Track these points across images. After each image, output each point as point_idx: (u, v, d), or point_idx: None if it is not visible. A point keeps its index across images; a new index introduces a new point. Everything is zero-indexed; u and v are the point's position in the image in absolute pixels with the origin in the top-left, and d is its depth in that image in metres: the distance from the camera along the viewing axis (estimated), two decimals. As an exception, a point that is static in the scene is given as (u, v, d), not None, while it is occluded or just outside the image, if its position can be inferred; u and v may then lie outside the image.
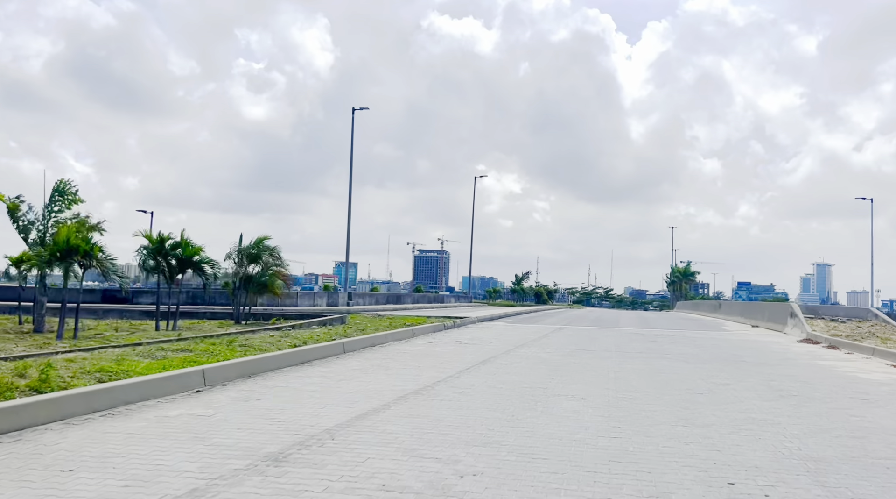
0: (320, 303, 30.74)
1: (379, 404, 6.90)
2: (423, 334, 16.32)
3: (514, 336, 17.30)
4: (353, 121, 33.70)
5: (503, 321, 25.06)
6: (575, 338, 17.47)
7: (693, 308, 51.47)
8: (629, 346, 15.35)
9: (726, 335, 20.55)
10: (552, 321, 27.12)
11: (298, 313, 23.89)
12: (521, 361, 11.49)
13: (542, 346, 14.59)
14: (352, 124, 33.75)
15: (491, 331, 19.18)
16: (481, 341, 15.27)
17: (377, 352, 12.16)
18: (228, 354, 9.16)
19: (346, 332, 14.25)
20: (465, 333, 17.54)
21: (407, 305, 38.52)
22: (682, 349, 14.87)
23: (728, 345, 16.65)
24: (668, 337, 18.88)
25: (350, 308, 31.51)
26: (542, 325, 23.79)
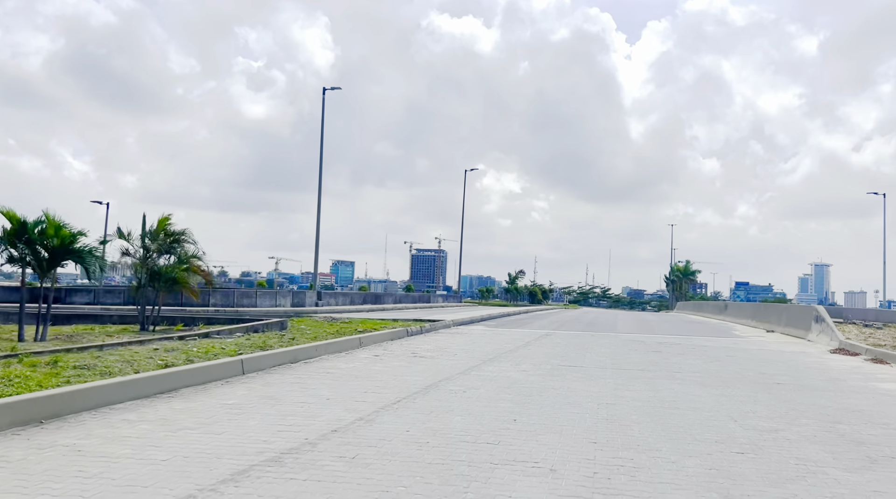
0: (283, 303, 27.73)
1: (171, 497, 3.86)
2: (373, 344, 13.28)
3: (489, 345, 14.27)
4: (323, 102, 30.70)
5: (483, 325, 22.02)
6: (562, 347, 14.44)
7: (695, 309, 48.44)
8: (628, 359, 12.33)
9: (741, 343, 17.52)
10: (541, 325, 24.09)
11: (241, 316, 20.90)
12: (481, 386, 8.45)
13: (518, 360, 11.56)
14: (322, 106, 30.74)
15: (463, 338, 16.15)
16: (443, 353, 12.24)
17: (292, 372, 9.11)
18: (21, 386, 6.11)
19: (268, 343, 11.20)
20: (429, 342, 14.50)
21: (386, 306, 35.50)
22: (693, 364, 11.85)
23: (748, 357, 13.63)
24: (674, 346, 15.86)
25: (317, 309, 28.47)
26: (527, 329, 20.76)
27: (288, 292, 28.45)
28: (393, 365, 10.27)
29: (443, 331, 18.31)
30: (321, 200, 30.61)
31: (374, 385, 8.18)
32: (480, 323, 23.14)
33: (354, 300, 34.51)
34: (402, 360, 11.03)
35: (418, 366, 10.31)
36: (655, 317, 41.26)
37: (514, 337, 17.04)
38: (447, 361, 10.95)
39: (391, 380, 8.66)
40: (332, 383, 8.27)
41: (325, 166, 29.89)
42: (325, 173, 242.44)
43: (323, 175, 29.95)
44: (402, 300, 42.33)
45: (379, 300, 37.72)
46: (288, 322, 15.47)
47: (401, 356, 11.55)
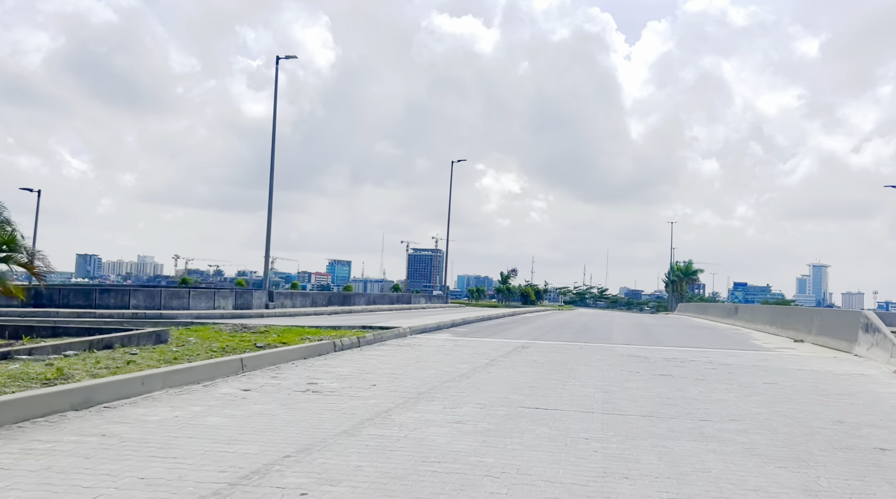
0: (224, 305, 23.82)
1: None
2: (265, 367, 9.35)
3: (434, 367, 10.37)
4: (276, 72, 26.70)
5: (450, 333, 18.08)
6: (536, 369, 10.54)
7: (699, 311, 44.52)
8: (626, 392, 8.44)
9: (773, 360, 13.63)
10: (522, 331, 20.18)
11: (154, 320, 16.91)
12: (352, 473, 4.55)
13: (461, 395, 7.68)
14: (276, 76, 26.73)
15: (408, 354, 12.23)
16: (356, 385, 8.34)
17: (48, 433, 5.19)
18: None
19: (61, 371, 7.28)
20: (353, 363, 10.58)
21: (354, 308, 31.58)
22: (725, 401, 7.98)
23: (796, 385, 9.74)
24: (688, 364, 11.98)
25: (266, 312, 24.54)
26: (502, 338, 16.85)
27: (230, 292, 24.60)
28: (245, 415, 6.35)
29: (391, 342, 14.39)
30: (273, 185, 26.72)
31: (159, 475, 4.25)
32: (448, 330, 19.22)
33: (317, 301, 30.57)
34: (278, 400, 7.12)
35: (292, 414, 6.41)
36: (655, 320, 37.39)
37: (478, 351, 13.14)
38: (347, 402, 7.04)
39: (185, 462, 4.72)
40: (70, 473, 4.35)
41: (324, 166, 26.23)
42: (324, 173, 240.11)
43: (321, 175, 26.11)
44: (378, 301, 38.36)
45: (348, 301, 33.76)
46: (170, 333, 11.52)
47: (283, 392, 7.64)
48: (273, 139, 26.50)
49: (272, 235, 26.38)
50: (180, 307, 22.32)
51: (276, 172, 25.58)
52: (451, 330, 19.22)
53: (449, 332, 18.50)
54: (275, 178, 25.56)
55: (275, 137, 26.40)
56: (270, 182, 26.93)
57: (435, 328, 18.92)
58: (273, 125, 26.29)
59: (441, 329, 19.25)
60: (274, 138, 26.47)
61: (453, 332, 18.57)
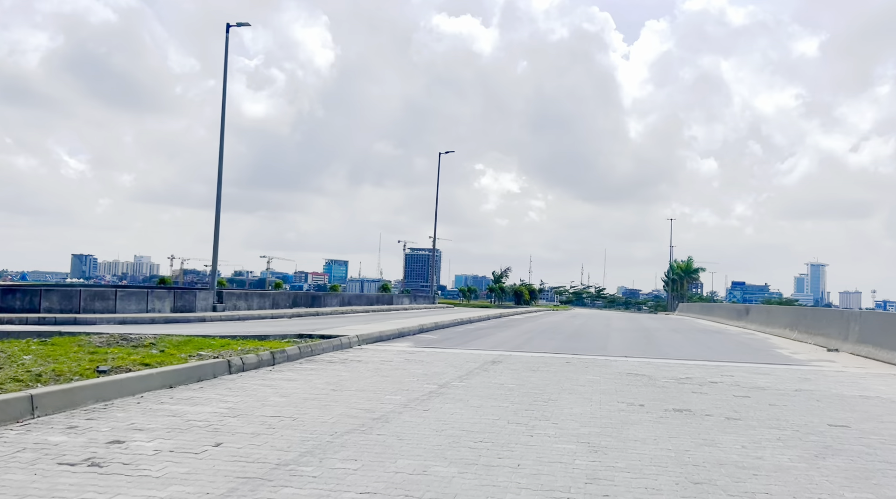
0: (160, 307, 20.60)
1: None
2: (91, 404, 6.17)
3: (351, 402, 7.22)
4: (227, 42, 23.46)
5: (411, 342, 14.89)
6: (496, 404, 7.40)
7: (703, 312, 41.36)
8: (626, 454, 5.31)
9: (817, 380, 10.49)
10: (502, 338, 17.02)
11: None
12: None
13: (345, 472, 4.54)
14: (226, 46, 23.53)
15: (332, 376, 9.07)
16: (192, 444, 5.19)
17: None
18: None
19: None
20: (237, 393, 7.41)
21: (323, 310, 28.39)
22: (787, 468, 4.87)
23: (877, 430, 6.61)
24: (710, 390, 8.87)
25: (212, 315, 21.36)
26: (472, 348, 13.69)
27: (167, 293, 21.35)
28: None
29: (323, 357, 11.23)
30: (222, 170, 23.48)
31: None
32: (411, 337, 16.05)
33: (279, 303, 27.32)
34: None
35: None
36: (657, 322, 34.25)
37: (431, 370, 10.00)
38: (122, 494, 3.90)
39: None
40: None
41: (322, 166, 23.18)
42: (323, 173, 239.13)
43: (320, 175, 22.98)
44: (353, 302, 35.11)
45: (317, 303, 30.50)
46: None
47: (39, 465, 4.49)
48: (222, 125, 23.35)
49: (269, 234, 23.29)
50: (104, 310, 19.14)
51: (274, 172, 22.56)
52: (416, 338, 16.06)
53: (411, 340, 15.34)
54: (273, 178, 22.40)
55: (224, 119, 23.27)
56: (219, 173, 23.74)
57: (395, 336, 15.76)
58: (222, 106, 23.16)
59: (403, 336, 16.09)
60: (223, 123, 23.33)
61: (417, 340, 15.41)
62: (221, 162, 23.74)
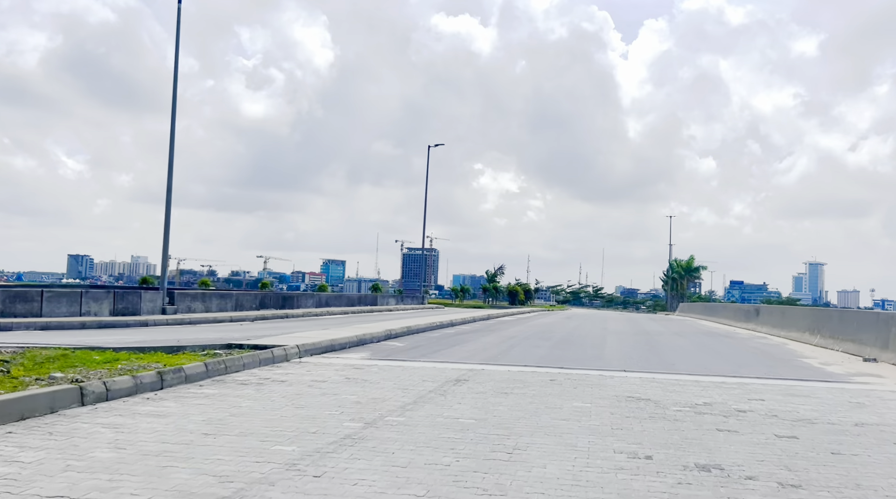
0: (96, 310, 18.04)
1: None
2: None
3: (217, 457, 4.79)
4: (178, 13, 20.86)
5: (368, 352, 12.42)
6: (436, 457, 4.99)
7: (706, 312, 38.95)
8: None
9: (875, 405, 8.09)
10: (479, 346, 14.59)
11: None
12: None
13: None
14: (177, 22, 20.94)
15: (230, 405, 6.64)
16: None
17: None
18: None
19: None
20: (45, 444, 4.99)
21: (293, 312, 25.91)
22: None
23: None
24: (739, 423, 6.48)
25: (159, 319, 18.89)
26: (438, 361, 11.26)
27: (106, 294, 18.77)
28: None
29: (236, 376, 8.79)
30: (174, 152, 20.96)
31: None
32: (372, 346, 13.61)
33: (242, 304, 24.76)
34: None
35: None
36: (657, 323, 31.85)
37: (372, 395, 7.58)
38: None
39: None
40: None
41: (321, 166, 20.67)
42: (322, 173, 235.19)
43: (319, 175, 20.52)
44: (332, 303, 32.56)
45: (289, 304, 27.96)
46: None
47: None
48: (174, 105, 20.93)
49: (268, 234, 20.89)
50: (27, 313, 16.68)
51: (273, 172, 20.12)
52: (378, 346, 13.64)
53: (370, 350, 12.91)
54: (271, 178, 19.97)
55: (175, 98, 20.83)
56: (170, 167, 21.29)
57: (353, 344, 13.33)
58: (174, 82, 20.73)
59: (364, 345, 13.66)
60: (175, 103, 20.89)
61: (377, 349, 12.99)
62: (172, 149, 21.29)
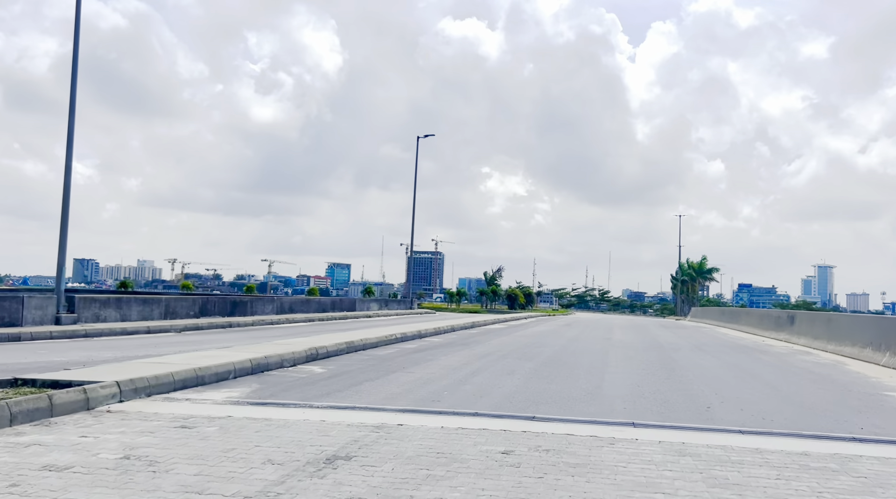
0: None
1: None
2: None
3: None
4: None
5: (257, 384, 8.38)
6: None
7: (725, 319, 34.68)
8: None
9: None
10: (442, 366, 10.53)
11: None
12: None
13: None
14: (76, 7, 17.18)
15: None
16: None
17: None
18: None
19: None
20: None
21: (242, 320, 21.92)
22: None
23: None
24: None
25: (52, 331, 14.95)
26: (350, 404, 7.26)
27: None
28: None
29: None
30: (72, 144, 17.19)
31: None
32: (282, 372, 9.56)
33: (176, 311, 20.66)
34: None
35: None
36: (670, 332, 27.67)
37: None
38: None
39: None
40: None
41: (329, 170, 16.90)
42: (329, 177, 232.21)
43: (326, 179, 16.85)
44: (296, 309, 28.43)
45: (238, 310, 23.86)
46: None
47: None
48: (74, 67, 17.13)
49: (275, 238, 17.08)
50: None
51: (282, 176, 16.30)
52: (282, 376, 9.60)
53: (263, 382, 8.87)
54: (280, 182, 16.19)
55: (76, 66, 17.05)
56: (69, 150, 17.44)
57: (245, 372, 9.31)
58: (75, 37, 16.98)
59: (261, 373, 9.62)
60: (75, 66, 17.11)
61: (275, 381, 8.95)
62: (72, 123, 17.44)
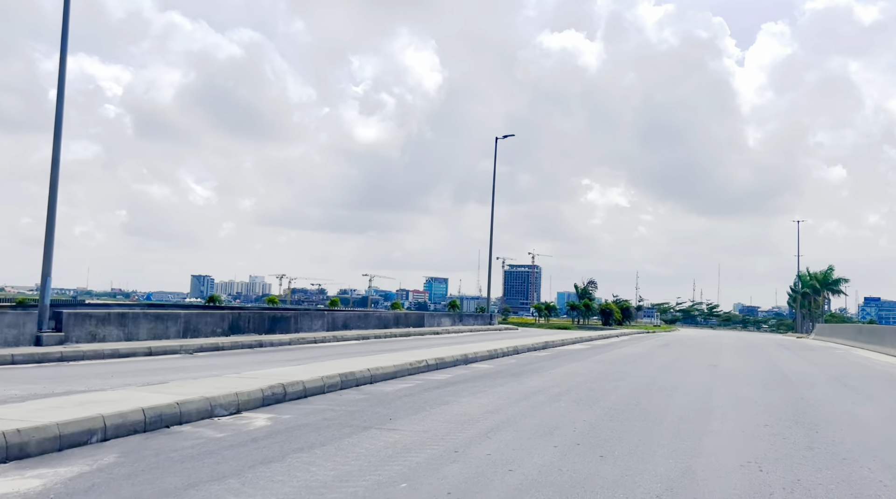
0: None
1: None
2: None
3: None
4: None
5: (49, 480, 4.98)
6: None
7: (864, 338, 28.49)
8: None
9: None
10: (457, 415, 6.81)
11: None
12: None
13: None
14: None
15: None
16: None
17: None
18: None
19: None
20: None
21: (278, 338, 18.91)
22: None
23: None
24: None
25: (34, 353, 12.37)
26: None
27: None
28: None
29: None
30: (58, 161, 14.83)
31: None
32: (195, 429, 6.15)
33: (197, 328, 17.80)
34: None
35: None
36: (797, 356, 22.31)
37: None
38: None
39: None
40: None
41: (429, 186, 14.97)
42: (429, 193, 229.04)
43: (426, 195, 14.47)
44: (352, 324, 25.14)
45: (280, 326, 20.77)
46: None
47: None
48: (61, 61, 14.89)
49: (377, 253, 14.61)
50: None
51: (384, 193, 14.12)
52: (187, 434, 6.15)
53: (127, 455, 5.45)
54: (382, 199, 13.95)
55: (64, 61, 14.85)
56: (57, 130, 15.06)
57: (126, 431, 5.95)
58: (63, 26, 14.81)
59: (149, 432, 6.23)
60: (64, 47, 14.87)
61: (160, 448, 5.52)
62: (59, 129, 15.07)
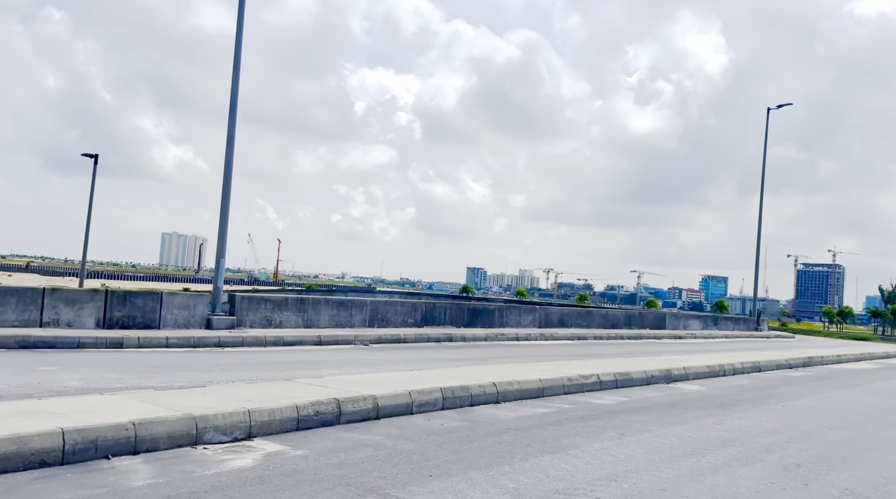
0: (70, 319, 11.85)
1: None
2: None
3: None
4: None
5: None
6: None
7: None
8: None
9: None
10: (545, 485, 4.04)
11: None
12: None
13: None
14: None
15: None
16: None
17: None
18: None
19: None
20: None
21: (473, 333, 16.79)
22: None
23: None
24: None
25: (179, 337, 12.08)
26: None
27: (90, 296, 12.35)
28: None
29: None
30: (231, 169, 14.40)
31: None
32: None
33: (386, 317, 16.19)
34: None
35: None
36: None
37: None
38: None
39: None
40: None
41: (709, 177, 13.65)
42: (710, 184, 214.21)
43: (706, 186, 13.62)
44: (570, 322, 21.95)
45: (482, 320, 18.30)
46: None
47: None
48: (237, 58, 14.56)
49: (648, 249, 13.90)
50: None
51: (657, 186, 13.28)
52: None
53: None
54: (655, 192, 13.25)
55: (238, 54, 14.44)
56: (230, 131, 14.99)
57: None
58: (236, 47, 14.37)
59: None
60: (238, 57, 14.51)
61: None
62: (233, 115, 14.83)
